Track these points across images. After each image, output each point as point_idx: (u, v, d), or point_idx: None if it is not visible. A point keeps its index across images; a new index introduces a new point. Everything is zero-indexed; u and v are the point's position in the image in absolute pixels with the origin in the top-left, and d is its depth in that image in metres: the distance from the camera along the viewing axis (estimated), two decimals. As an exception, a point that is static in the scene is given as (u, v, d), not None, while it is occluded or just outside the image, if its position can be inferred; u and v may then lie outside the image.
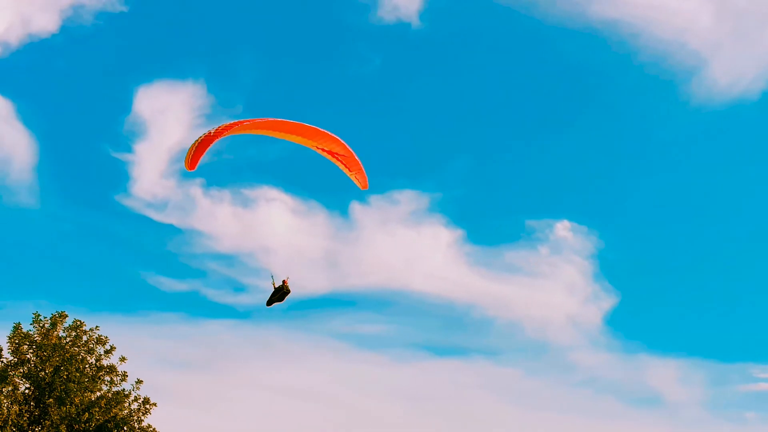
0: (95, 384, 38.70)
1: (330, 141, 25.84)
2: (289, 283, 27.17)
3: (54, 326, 39.35)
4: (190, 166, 25.17)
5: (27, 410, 37.41)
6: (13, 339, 38.83)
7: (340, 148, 26.12)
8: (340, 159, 26.50)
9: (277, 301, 27.40)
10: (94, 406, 37.64)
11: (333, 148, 26.03)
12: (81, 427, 37.01)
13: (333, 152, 26.25)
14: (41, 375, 38.26)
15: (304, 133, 25.83)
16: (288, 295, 27.29)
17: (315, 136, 25.81)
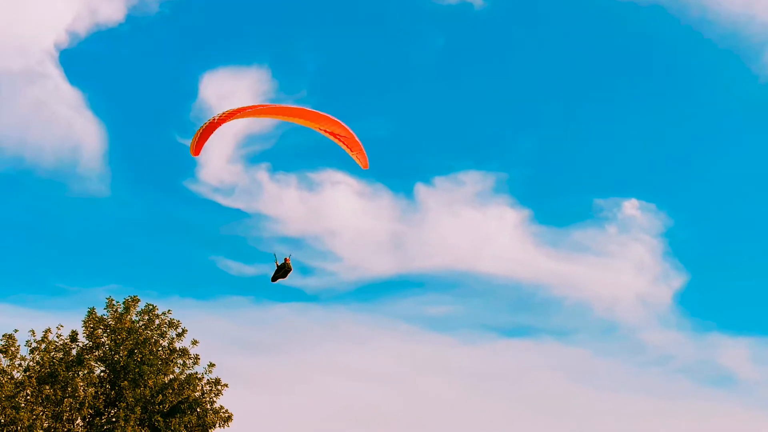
0: (168, 367, 39.27)
1: (331, 123, 26.60)
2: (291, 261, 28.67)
3: (127, 311, 40.10)
4: (194, 151, 25.79)
5: (103, 392, 38.13)
6: (88, 323, 39.66)
7: (342, 130, 26.87)
8: (341, 140, 27.25)
9: (281, 278, 28.96)
10: (168, 388, 38.21)
11: (335, 129, 26.79)
12: (155, 409, 37.61)
13: (335, 134, 26.99)
14: (116, 358, 38.99)
15: (306, 116, 26.64)
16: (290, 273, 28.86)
17: (317, 119, 26.58)
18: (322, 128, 26.89)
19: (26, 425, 34.95)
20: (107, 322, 39.69)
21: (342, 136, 27.14)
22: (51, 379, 37.15)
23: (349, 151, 27.75)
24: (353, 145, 27.49)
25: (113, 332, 39.33)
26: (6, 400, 35.37)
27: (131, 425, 35.89)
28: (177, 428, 37.02)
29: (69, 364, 37.93)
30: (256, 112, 26.15)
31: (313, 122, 26.69)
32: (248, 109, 25.68)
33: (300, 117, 26.84)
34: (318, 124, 26.67)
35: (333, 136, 27.13)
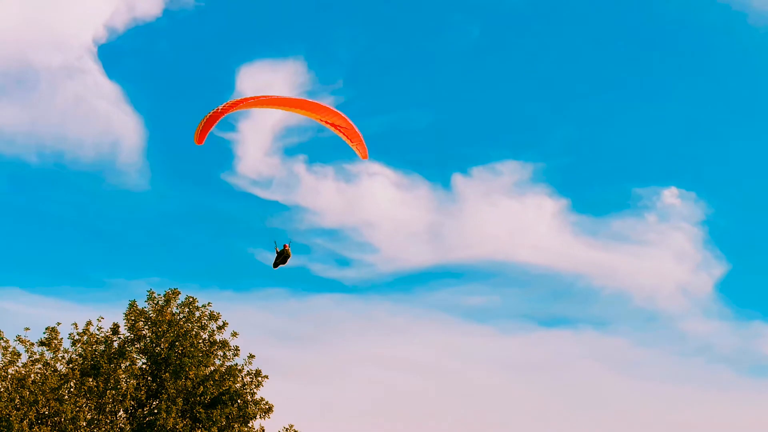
0: (209, 358, 39.46)
1: (332, 114, 27.28)
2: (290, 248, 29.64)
3: (168, 303, 40.33)
4: (198, 140, 26.44)
5: (144, 384, 38.42)
6: (129, 316, 39.95)
7: (342, 121, 27.54)
8: (342, 131, 27.90)
9: (282, 263, 29.77)
10: (209, 379, 38.40)
11: (335, 120, 27.44)
12: (196, 400, 37.82)
13: (336, 125, 27.60)
14: (157, 350, 39.28)
15: (308, 107, 27.29)
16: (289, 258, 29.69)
17: (319, 110, 27.23)
18: (324, 119, 27.59)
19: (70, 417, 35.30)
20: (148, 315, 39.97)
21: (342, 127, 27.84)
22: (93, 372, 37.49)
23: (348, 141, 28.38)
24: (353, 135, 28.15)
25: (154, 324, 39.61)
26: (50, 392, 35.76)
27: (173, 417, 36.12)
28: (218, 419, 37.20)
29: (111, 357, 38.27)
30: (259, 103, 26.72)
31: (315, 113, 27.38)
32: (250, 100, 26.24)
33: (302, 108, 27.56)
34: (320, 115, 27.37)
35: (334, 127, 27.80)
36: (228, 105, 25.97)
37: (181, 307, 40.49)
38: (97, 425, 36.49)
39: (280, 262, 29.88)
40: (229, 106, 25.97)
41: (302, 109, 27.46)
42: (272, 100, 27.21)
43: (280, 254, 29.70)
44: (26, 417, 34.56)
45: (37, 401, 35.34)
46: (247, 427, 38.39)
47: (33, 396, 35.36)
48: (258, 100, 26.66)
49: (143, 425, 36.95)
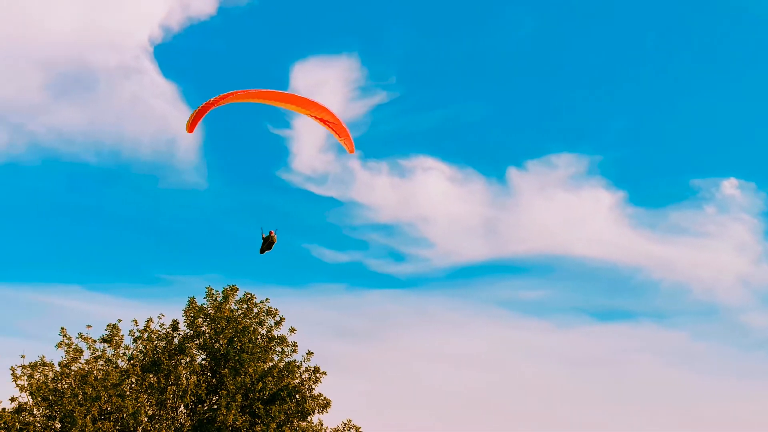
0: (267, 355, 39.66)
1: (321, 110, 27.52)
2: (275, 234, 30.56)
3: (226, 299, 40.64)
4: (189, 129, 27.20)
5: (204, 380, 38.78)
6: (188, 312, 40.32)
7: (330, 116, 27.82)
8: (330, 126, 28.14)
9: (267, 249, 30.68)
10: (267, 375, 38.59)
11: (324, 116, 27.73)
12: (255, 396, 38.05)
13: (324, 120, 27.84)
14: (216, 346, 39.57)
15: (297, 102, 27.56)
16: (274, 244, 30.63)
17: (307, 105, 27.47)
18: (313, 114, 27.85)
19: (131, 413, 35.70)
20: (207, 311, 40.31)
21: (331, 123, 28.09)
22: (154, 368, 37.90)
23: (337, 136, 28.71)
24: (341, 131, 28.44)
25: (213, 321, 39.91)
26: (112, 388, 36.21)
27: (233, 412, 36.36)
28: (277, 415, 37.36)
29: (171, 353, 38.67)
30: (249, 96, 27.17)
31: (305, 108, 27.65)
32: (241, 93, 26.82)
33: (293, 103, 27.74)
34: (309, 110, 27.61)
35: (323, 122, 28.08)
36: (218, 98, 26.45)
37: (240, 304, 40.76)
38: (158, 421, 36.86)
39: (266, 248, 30.67)
40: (220, 98, 26.45)
41: (292, 103, 27.80)
42: (264, 93, 27.64)
43: (266, 240, 30.43)
44: (89, 413, 35.03)
45: (99, 397, 35.80)
46: (305, 423, 38.49)
47: (95, 392, 35.84)
48: (249, 93, 27.18)
49: (203, 421, 37.27)
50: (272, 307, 41.03)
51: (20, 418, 35.93)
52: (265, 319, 40.65)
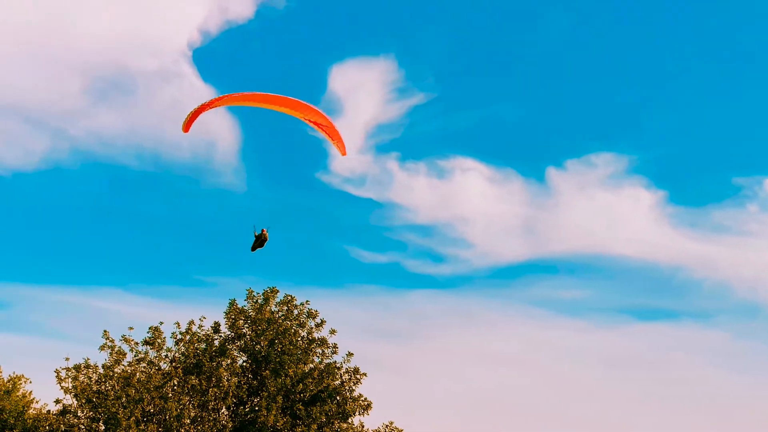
0: (308, 356, 39.73)
1: (314, 113, 27.83)
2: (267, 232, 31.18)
3: (266, 301, 40.74)
4: (184, 128, 27.39)
5: (245, 382, 38.93)
6: (229, 314, 40.51)
7: (323, 120, 28.16)
8: (323, 129, 28.50)
9: (259, 247, 31.16)
10: (308, 377, 38.61)
11: (317, 119, 28.06)
12: (296, 398, 38.13)
13: (317, 123, 28.17)
14: (257, 348, 39.70)
15: (291, 106, 27.81)
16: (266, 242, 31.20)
17: (302, 109, 27.77)
18: (307, 118, 28.18)
19: (174, 414, 35.96)
20: (248, 313, 40.48)
21: (324, 126, 28.43)
22: (196, 370, 38.14)
23: (330, 139, 28.93)
24: (333, 134, 28.72)
25: (254, 323, 40.08)
26: (155, 391, 36.51)
27: (274, 414, 36.47)
28: (318, 416, 37.42)
29: (213, 355, 38.87)
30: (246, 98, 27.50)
31: (300, 112, 27.94)
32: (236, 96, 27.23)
33: (288, 106, 28.03)
34: (303, 113, 27.93)
35: (316, 125, 28.41)
36: (215, 100, 26.80)
37: (280, 305, 40.88)
38: (201, 422, 37.06)
39: (257, 246, 31.14)
40: (215, 100, 26.79)
41: (287, 107, 28.07)
42: (257, 97, 27.86)
43: (258, 238, 30.98)
44: (132, 415, 35.34)
45: (142, 399, 36.11)
46: (346, 424, 38.49)
47: (138, 394, 36.15)
48: (244, 96, 27.48)
49: (245, 422, 37.43)
50: (312, 308, 41.16)
51: (65, 420, 36.38)
52: (305, 321, 40.72)
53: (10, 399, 42.04)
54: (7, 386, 42.58)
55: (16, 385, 43.43)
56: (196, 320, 40.14)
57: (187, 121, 26.85)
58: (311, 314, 40.88)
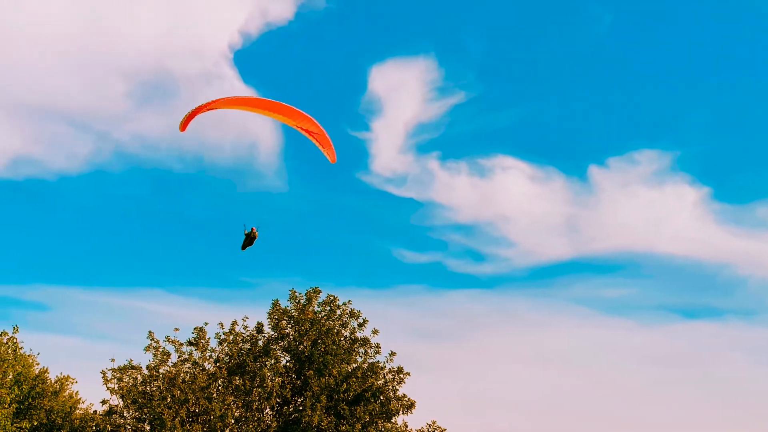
0: (351, 356, 39.76)
1: (307, 121, 27.89)
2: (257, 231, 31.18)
3: (309, 302, 40.82)
4: (181, 128, 27.43)
5: (289, 382, 39.03)
6: (272, 315, 40.65)
7: (315, 127, 28.25)
8: (314, 137, 28.59)
9: (248, 245, 31.24)
10: (351, 376, 38.64)
11: (309, 127, 28.15)
12: (340, 397, 38.16)
13: (309, 131, 28.29)
14: (300, 348, 39.79)
15: (285, 113, 27.89)
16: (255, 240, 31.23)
17: (295, 116, 27.86)
18: (299, 125, 28.28)
19: (218, 414, 36.16)
20: (291, 314, 40.59)
21: (315, 133, 28.54)
22: (240, 370, 38.32)
23: (320, 146, 29.04)
24: (324, 141, 28.83)
25: (297, 323, 40.18)
26: (199, 391, 36.74)
27: (318, 413, 36.53)
28: (362, 416, 37.42)
29: (256, 355, 39.02)
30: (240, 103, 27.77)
31: (292, 119, 28.05)
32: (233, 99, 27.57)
33: (282, 113, 28.15)
34: (296, 121, 28.04)
35: (308, 133, 28.53)
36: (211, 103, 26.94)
37: (323, 306, 40.95)
38: (245, 422, 37.23)
39: (247, 244, 31.24)
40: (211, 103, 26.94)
41: (281, 114, 28.20)
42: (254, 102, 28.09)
43: (248, 236, 31.04)
44: (178, 415, 35.59)
45: (187, 400, 36.36)
46: (390, 424, 38.46)
47: (183, 395, 36.40)
48: (239, 100, 27.76)
49: (289, 422, 37.55)
50: (355, 308, 41.18)
51: (111, 421, 36.73)
52: (348, 321, 40.75)
53: (58, 400, 42.49)
54: (54, 387, 43.05)
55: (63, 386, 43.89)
56: (239, 321, 40.40)
57: (184, 120, 27.18)
58: (353, 314, 40.92)
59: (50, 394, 42.09)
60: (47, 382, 42.90)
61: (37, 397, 41.19)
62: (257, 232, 30.80)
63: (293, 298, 41.07)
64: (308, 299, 40.91)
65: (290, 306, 40.91)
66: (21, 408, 39.64)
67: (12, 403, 33.47)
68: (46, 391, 41.87)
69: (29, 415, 39.71)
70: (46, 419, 40.28)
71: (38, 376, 42.40)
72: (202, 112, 26.93)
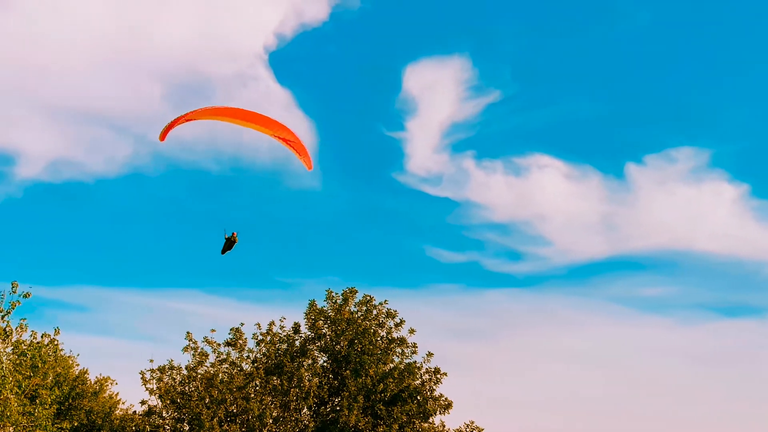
0: (387, 356, 39.74)
1: (283, 129, 28.35)
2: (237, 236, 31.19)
3: (346, 302, 40.85)
4: (161, 138, 28.05)
5: (326, 382, 39.08)
6: (309, 315, 40.71)
7: (291, 136, 28.73)
8: (291, 145, 29.04)
9: (228, 249, 31.25)
10: (388, 376, 38.58)
11: (286, 135, 28.60)
12: (377, 397, 38.13)
13: (286, 139, 28.76)
14: (337, 348, 39.84)
15: (262, 122, 28.26)
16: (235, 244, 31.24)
17: (271, 125, 28.30)
18: (276, 134, 28.69)
19: (256, 414, 36.28)
20: (327, 314, 40.65)
21: (292, 142, 29.00)
22: (277, 370, 38.42)
23: (297, 154, 29.48)
24: (301, 149, 29.29)
25: (334, 323, 40.23)
26: (237, 391, 36.89)
27: (355, 413, 36.54)
28: (399, 416, 37.37)
29: (293, 355, 39.11)
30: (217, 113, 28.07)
31: (269, 128, 28.47)
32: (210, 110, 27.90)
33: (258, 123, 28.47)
34: (273, 130, 28.48)
35: (284, 141, 28.97)
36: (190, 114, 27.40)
37: (359, 306, 40.95)
38: (283, 422, 37.32)
39: (227, 248, 31.29)
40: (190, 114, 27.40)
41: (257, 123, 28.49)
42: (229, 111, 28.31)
43: (228, 240, 31.12)
44: (216, 415, 35.75)
45: (225, 400, 36.52)
46: (427, 424, 38.37)
47: (221, 395, 36.57)
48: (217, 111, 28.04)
49: (326, 422, 37.58)
50: (391, 308, 41.13)
51: (150, 421, 36.98)
52: (384, 321, 40.73)
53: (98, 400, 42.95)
54: (94, 388, 43.51)
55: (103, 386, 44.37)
56: (276, 321, 40.52)
57: (163, 131, 27.71)
58: (390, 314, 40.88)
59: (90, 394, 42.55)
60: (87, 382, 43.37)
61: (78, 398, 41.66)
62: (237, 237, 31.04)
63: (330, 298, 41.13)
64: (345, 299, 40.95)
65: (327, 306, 40.98)
66: (62, 408, 40.09)
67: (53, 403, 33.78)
68: (86, 392, 42.33)
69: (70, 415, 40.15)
70: (86, 419, 40.70)
71: (78, 377, 42.87)
72: (180, 124, 27.48)
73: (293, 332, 40.50)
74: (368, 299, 41.11)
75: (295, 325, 40.70)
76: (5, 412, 27.57)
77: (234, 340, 39.55)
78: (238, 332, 39.79)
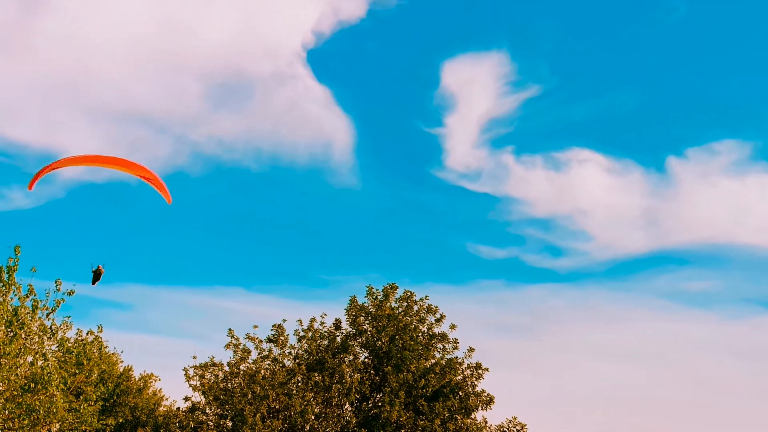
0: (429, 352, 39.70)
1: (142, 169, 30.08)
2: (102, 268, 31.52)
3: (386, 298, 40.87)
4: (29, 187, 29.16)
5: (368, 378, 39.15)
6: (350, 311, 40.81)
7: (149, 174, 30.33)
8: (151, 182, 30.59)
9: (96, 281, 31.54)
10: (430, 372, 38.55)
11: (145, 174, 30.24)
12: (419, 393, 38.09)
13: (146, 177, 30.38)
14: (378, 344, 39.86)
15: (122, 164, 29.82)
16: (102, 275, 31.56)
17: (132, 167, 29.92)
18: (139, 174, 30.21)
19: (299, 410, 36.39)
20: (368, 310, 40.71)
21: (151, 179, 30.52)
22: (319, 366, 38.53)
23: (158, 189, 30.83)
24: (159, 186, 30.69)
25: (374, 319, 40.27)
26: (279, 387, 37.03)
27: (397, 409, 36.54)
28: (441, 412, 37.30)
29: (335, 352, 39.22)
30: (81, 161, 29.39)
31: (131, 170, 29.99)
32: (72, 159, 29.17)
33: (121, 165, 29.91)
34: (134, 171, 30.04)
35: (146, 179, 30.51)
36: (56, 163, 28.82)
37: (400, 302, 40.94)
38: (325, 419, 37.41)
39: (95, 280, 31.66)
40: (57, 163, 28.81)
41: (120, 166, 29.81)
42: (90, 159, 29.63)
43: (95, 273, 31.56)
44: (258, 411, 35.92)
45: (267, 396, 36.67)
46: (469, 420, 38.27)
47: (263, 391, 36.73)
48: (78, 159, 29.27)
49: (368, 418, 37.63)
50: (432, 304, 41.08)
51: (194, 417, 37.26)
52: (425, 317, 40.69)
53: (142, 397, 43.37)
54: (138, 384, 43.93)
55: (147, 383, 44.79)
56: (317, 318, 40.63)
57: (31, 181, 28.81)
58: (431, 310, 40.83)
59: (134, 391, 42.96)
60: (131, 379, 43.80)
61: (122, 395, 42.07)
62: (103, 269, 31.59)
63: (370, 294, 41.19)
64: (385, 295, 40.97)
65: (368, 302, 41.05)
66: (106, 405, 40.49)
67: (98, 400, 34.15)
68: (130, 389, 42.74)
69: (114, 411, 40.53)
70: (130, 416, 41.07)
71: (123, 374, 43.31)
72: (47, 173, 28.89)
73: (334, 328, 40.62)
74: (409, 295, 41.07)
75: (336, 321, 40.82)
76: (51, 408, 27.87)
77: (276, 336, 39.73)
78: (280, 329, 39.96)
